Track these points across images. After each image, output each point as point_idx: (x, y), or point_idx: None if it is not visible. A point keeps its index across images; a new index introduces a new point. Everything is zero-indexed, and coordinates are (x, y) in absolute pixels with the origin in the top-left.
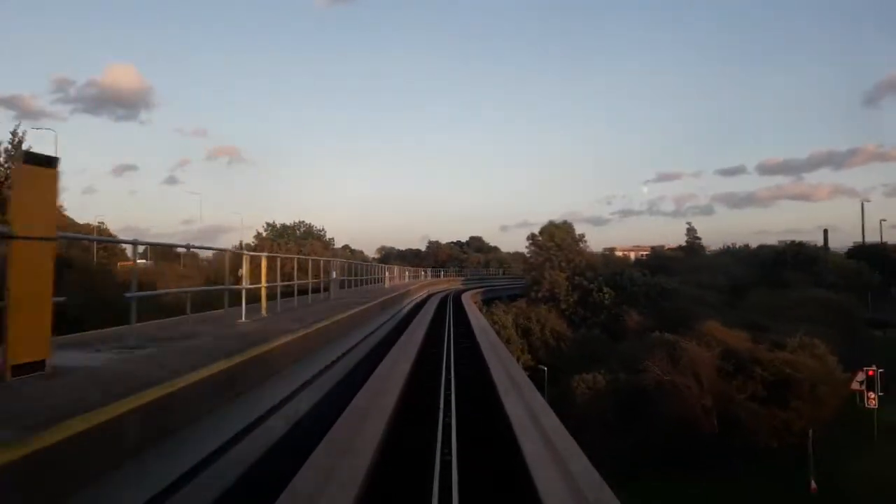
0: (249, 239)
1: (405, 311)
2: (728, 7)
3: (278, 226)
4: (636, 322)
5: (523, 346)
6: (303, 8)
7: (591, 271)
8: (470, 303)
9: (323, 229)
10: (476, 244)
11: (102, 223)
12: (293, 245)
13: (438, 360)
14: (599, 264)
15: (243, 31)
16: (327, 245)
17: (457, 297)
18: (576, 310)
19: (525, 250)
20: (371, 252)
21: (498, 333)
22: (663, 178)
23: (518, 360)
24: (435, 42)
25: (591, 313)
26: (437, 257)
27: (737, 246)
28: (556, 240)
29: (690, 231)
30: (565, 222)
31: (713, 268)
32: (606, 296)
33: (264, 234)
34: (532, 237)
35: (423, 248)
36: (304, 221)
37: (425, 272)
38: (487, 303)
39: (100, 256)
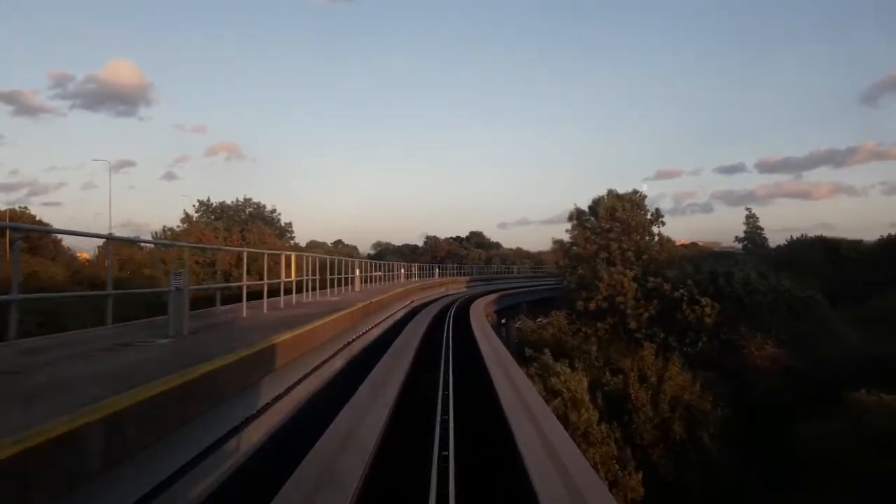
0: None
1: None
2: (727, 5)
3: (215, 204)
4: (769, 357)
5: (619, 450)
6: (303, 6)
7: (675, 270)
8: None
9: (275, 211)
10: (476, 239)
11: (26, 208)
12: (235, 231)
13: None
14: (702, 257)
15: (243, 27)
16: (283, 233)
17: (462, 321)
18: (650, 329)
19: (566, 236)
20: (366, 248)
21: (563, 419)
22: (663, 175)
23: (612, 487)
24: (435, 39)
25: (678, 338)
26: (435, 253)
27: (807, 237)
28: (619, 217)
29: (750, 219)
30: (635, 191)
31: (794, 266)
32: (707, 309)
33: (194, 215)
34: (578, 215)
35: (420, 243)
36: (250, 199)
37: (408, 268)
38: (502, 313)
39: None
